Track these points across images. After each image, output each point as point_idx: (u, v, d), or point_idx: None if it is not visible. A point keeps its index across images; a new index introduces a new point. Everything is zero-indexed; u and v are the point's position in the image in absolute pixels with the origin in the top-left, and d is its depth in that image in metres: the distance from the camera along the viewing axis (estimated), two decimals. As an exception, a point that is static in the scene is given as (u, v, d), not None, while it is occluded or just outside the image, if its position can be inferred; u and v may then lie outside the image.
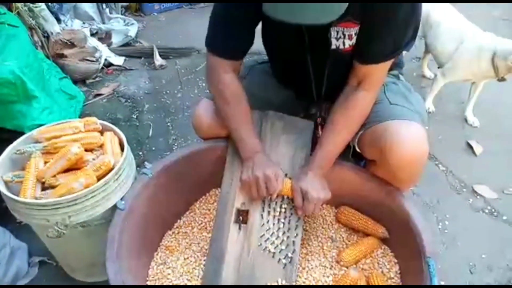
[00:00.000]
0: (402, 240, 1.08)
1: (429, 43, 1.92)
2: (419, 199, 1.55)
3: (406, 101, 1.13)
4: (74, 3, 2.70)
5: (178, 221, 1.28)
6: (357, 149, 1.20)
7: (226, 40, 1.08)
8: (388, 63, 1.04)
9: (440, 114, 1.96)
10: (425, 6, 1.92)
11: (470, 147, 1.78)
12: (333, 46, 1.04)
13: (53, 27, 2.12)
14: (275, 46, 1.21)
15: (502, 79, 1.68)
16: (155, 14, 3.12)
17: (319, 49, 1.07)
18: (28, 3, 1.82)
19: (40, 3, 1.99)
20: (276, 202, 1.11)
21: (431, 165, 1.71)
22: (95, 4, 2.75)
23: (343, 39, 1.03)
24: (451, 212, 1.52)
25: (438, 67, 1.92)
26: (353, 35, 1.01)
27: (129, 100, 2.26)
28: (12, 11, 1.65)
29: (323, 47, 1.06)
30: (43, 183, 1.07)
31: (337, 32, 1.02)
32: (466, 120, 1.89)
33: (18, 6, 1.60)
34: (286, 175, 1.12)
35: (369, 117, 1.10)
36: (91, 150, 1.15)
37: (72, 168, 1.09)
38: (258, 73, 1.33)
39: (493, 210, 1.52)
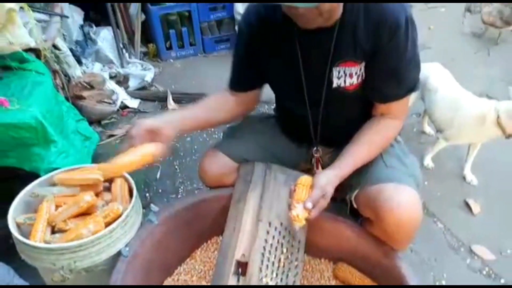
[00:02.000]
0: (396, 301, 1.10)
1: (427, 107, 2.01)
2: (416, 257, 1.57)
3: (401, 164, 1.19)
4: (96, 48, 2.89)
5: (179, 267, 1.32)
6: (354, 205, 1.26)
7: (237, 76, 1.27)
8: (407, 97, 1.13)
9: (439, 170, 2.00)
10: (424, 71, 2.01)
11: (468, 205, 1.80)
12: (335, 85, 1.12)
13: (75, 71, 2.27)
14: (279, 88, 1.29)
15: (510, 136, 1.74)
16: (172, 60, 3.30)
17: (319, 88, 1.15)
18: (55, 51, 1.97)
19: (65, 49, 2.14)
20: (275, 256, 1.15)
21: (430, 222, 1.74)
22: (116, 48, 2.93)
23: (345, 77, 1.11)
24: (448, 271, 1.53)
25: (437, 131, 1.99)
26: (354, 74, 1.10)
27: (140, 142, 2.35)
28: (40, 58, 1.78)
29: (323, 86, 1.14)
30: (53, 226, 1.13)
31: (339, 71, 1.10)
32: (464, 178, 1.93)
33: (46, 55, 1.73)
34: (282, 224, 1.17)
35: (365, 177, 1.16)
36: (99, 193, 1.22)
37: (82, 212, 1.15)
38: (265, 126, 1.41)
39: (490, 272, 1.53)
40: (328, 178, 1.06)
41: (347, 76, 1.10)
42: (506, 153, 2.11)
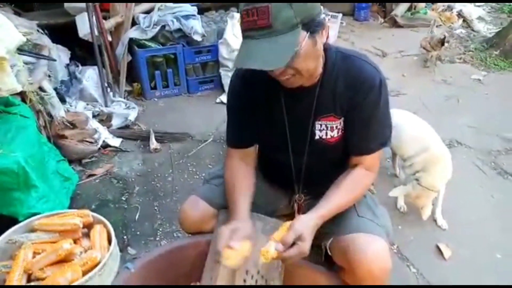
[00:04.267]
0: None
1: (393, 145, 2.12)
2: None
3: (372, 214, 1.25)
4: (81, 87, 2.94)
5: (155, 315, 1.31)
6: (329, 253, 1.30)
7: (236, 134, 1.34)
8: (379, 152, 1.22)
9: (412, 214, 2.07)
10: None
11: (440, 250, 1.87)
12: (317, 137, 1.23)
13: (59, 112, 2.30)
14: (264, 139, 1.35)
15: None
16: (156, 99, 3.36)
17: (301, 139, 1.24)
18: (41, 93, 2.01)
19: (50, 91, 2.19)
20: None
21: (403, 266, 1.79)
22: (100, 87, 2.98)
23: (326, 130, 1.21)
24: (422, 317, 1.56)
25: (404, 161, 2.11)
26: (335, 127, 1.21)
27: (120, 182, 2.37)
28: (25, 101, 1.81)
29: (307, 136, 1.23)
30: (30, 274, 1.13)
31: (321, 125, 1.21)
32: (435, 222, 2.01)
33: (32, 98, 1.77)
34: (259, 272, 1.20)
35: (338, 226, 1.22)
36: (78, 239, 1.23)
37: (60, 260, 1.16)
38: None
39: (461, 317, 1.57)
40: (305, 223, 1.09)
41: (328, 129, 1.22)
42: (475, 199, 2.21)
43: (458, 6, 5.34)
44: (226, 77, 3.33)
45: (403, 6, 5.11)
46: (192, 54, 3.33)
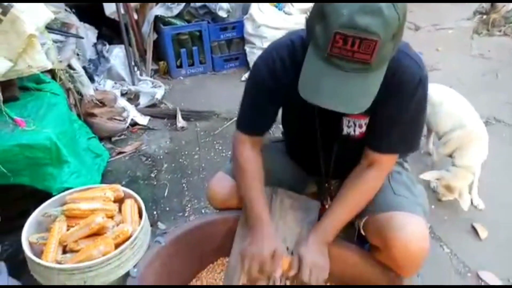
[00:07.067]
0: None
1: (429, 121, 2.04)
2: (422, 281, 1.56)
3: (409, 192, 1.20)
4: (109, 66, 2.96)
5: (185, 288, 1.33)
6: (362, 232, 1.27)
7: (248, 121, 1.23)
8: (396, 155, 1.14)
9: (447, 194, 1.99)
10: None
11: (475, 230, 1.80)
12: (345, 132, 1.16)
13: (88, 90, 2.33)
14: (291, 127, 1.33)
15: None
16: (181, 78, 3.36)
17: (330, 134, 1.18)
18: (70, 71, 2.03)
19: (79, 70, 2.21)
20: (280, 280, 1.15)
21: (436, 246, 1.73)
22: (127, 66, 3.00)
23: (354, 127, 1.15)
24: (455, 297, 1.52)
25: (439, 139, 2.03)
26: (363, 124, 1.13)
27: (149, 159, 2.40)
28: (55, 78, 1.84)
29: (334, 132, 1.17)
30: (64, 246, 1.16)
31: (349, 121, 1.14)
32: (471, 201, 1.93)
33: (62, 76, 1.79)
34: (288, 248, 1.17)
35: (374, 205, 1.17)
36: (111, 217, 1.25)
37: (93, 233, 1.18)
38: (272, 150, 1.43)
39: (498, 299, 1.52)
40: (305, 247, 1.10)
41: (357, 126, 1.15)
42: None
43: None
44: (252, 54, 3.28)
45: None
46: (217, 31, 3.29)
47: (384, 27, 0.78)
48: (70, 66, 2.16)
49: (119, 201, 1.31)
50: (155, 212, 1.96)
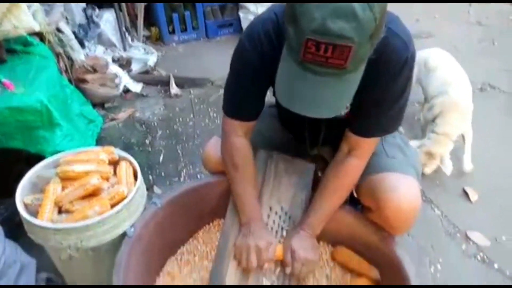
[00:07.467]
0: (393, 283, 1.13)
1: (421, 84, 2.05)
2: (413, 242, 1.60)
3: (402, 154, 1.21)
4: (99, 31, 2.88)
5: (181, 247, 1.35)
6: (355, 194, 1.28)
7: (238, 105, 1.14)
8: (377, 139, 1.11)
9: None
10: (423, 54, 2.04)
11: (466, 193, 1.83)
12: None
13: (79, 55, 2.27)
14: (279, 103, 1.30)
15: None
16: (174, 44, 3.29)
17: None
18: (59, 34, 1.97)
19: (68, 33, 2.15)
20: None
21: (427, 208, 1.77)
22: (118, 31, 2.92)
23: None
24: (444, 256, 1.56)
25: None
26: (349, 105, 1.06)
27: (143, 126, 2.39)
28: (44, 42, 1.79)
29: None
30: (60, 207, 1.16)
31: None
32: (463, 166, 1.95)
33: (50, 39, 1.74)
34: (282, 208, 1.20)
35: (367, 167, 1.17)
36: (107, 179, 1.25)
37: (89, 194, 1.18)
38: (267, 115, 1.42)
39: (485, 257, 1.56)
40: (297, 241, 1.11)
41: None
42: (506, 145, 2.13)
43: None
44: (246, 20, 3.20)
45: None
46: (210, -5, 3.19)
47: (358, 31, 0.72)
48: (58, 30, 2.09)
49: (114, 163, 1.30)
50: (150, 177, 1.97)
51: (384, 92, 1.00)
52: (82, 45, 2.61)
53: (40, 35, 1.81)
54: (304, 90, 0.82)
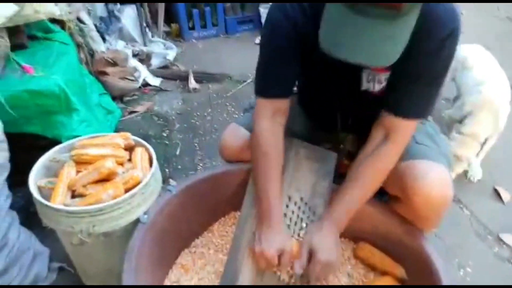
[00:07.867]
0: (420, 280, 1.05)
1: (456, 77, 1.96)
2: (441, 242, 1.51)
3: (432, 142, 1.13)
4: (120, 26, 2.89)
5: (196, 240, 1.31)
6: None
7: (270, 81, 1.08)
8: (414, 124, 1.02)
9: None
10: (462, 52, 1.95)
11: (498, 193, 1.72)
12: (364, 87, 1.07)
13: (99, 47, 2.27)
14: (308, 78, 1.24)
15: None
16: (194, 40, 3.28)
17: (349, 88, 1.10)
18: (80, 24, 1.97)
19: (89, 24, 2.15)
20: (294, 230, 1.11)
21: (455, 207, 1.67)
22: (138, 27, 2.93)
23: (374, 82, 1.05)
24: (474, 259, 1.47)
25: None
26: (383, 80, 1.03)
27: (161, 119, 2.36)
28: (65, 30, 1.78)
29: (352, 87, 1.09)
30: (73, 191, 1.13)
31: (368, 75, 1.04)
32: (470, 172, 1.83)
33: (71, 26, 1.74)
34: (302, 199, 1.14)
35: None
36: (121, 164, 1.21)
37: (102, 179, 1.15)
38: None
39: (519, 261, 1.46)
40: (319, 239, 1.01)
41: (376, 82, 1.04)
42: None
43: None
44: (267, 16, 3.16)
45: None
46: (230, -10, 3.17)
47: None
48: (80, 20, 2.10)
49: (130, 149, 1.27)
50: (167, 170, 1.94)
51: (425, 65, 0.92)
52: (103, 39, 2.62)
53: (61, 24, 1.81)
54: (352, 33, 0.75)
